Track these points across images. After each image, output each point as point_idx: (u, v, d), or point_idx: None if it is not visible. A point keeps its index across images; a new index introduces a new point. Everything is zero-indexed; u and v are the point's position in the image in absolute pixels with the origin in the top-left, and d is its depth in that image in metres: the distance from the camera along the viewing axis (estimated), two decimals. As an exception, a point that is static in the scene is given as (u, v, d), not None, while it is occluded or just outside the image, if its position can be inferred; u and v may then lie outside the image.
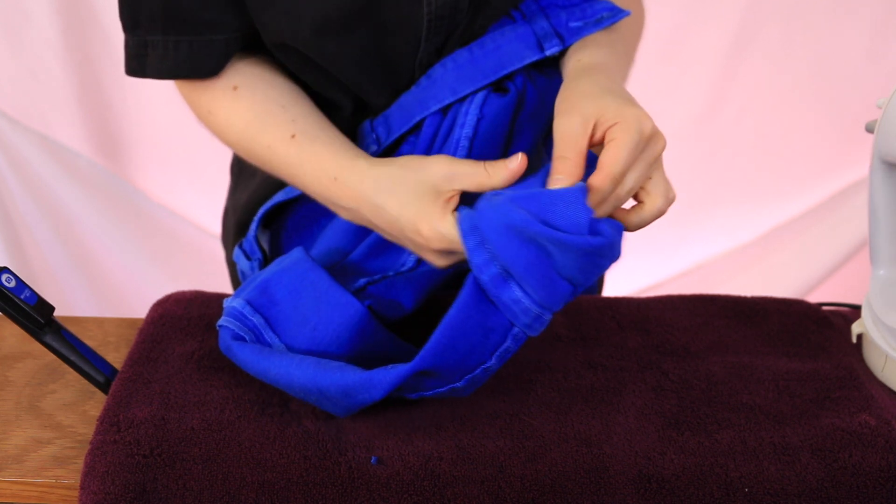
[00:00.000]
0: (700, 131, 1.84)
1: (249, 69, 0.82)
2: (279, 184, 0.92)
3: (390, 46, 0.82)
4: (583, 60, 0.80)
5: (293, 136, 0.78)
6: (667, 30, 1.67)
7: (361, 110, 0.87)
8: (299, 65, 0.83)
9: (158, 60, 0.79)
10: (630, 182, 0.68)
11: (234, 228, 0.99)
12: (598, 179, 0.67)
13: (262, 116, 0.80)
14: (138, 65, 0.80)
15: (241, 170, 1.00)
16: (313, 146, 0.77)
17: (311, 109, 0.81)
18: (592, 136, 0.69)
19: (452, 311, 0.65)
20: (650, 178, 0.70)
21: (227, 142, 0.83)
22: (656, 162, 0.71)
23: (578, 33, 0.83)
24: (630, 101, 0.72)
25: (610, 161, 0.67)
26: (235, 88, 0.81)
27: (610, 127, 0.68)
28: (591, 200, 0.66)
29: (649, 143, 0.69)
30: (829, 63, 1.77)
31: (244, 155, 0.83)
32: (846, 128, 1.81)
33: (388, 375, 0.65)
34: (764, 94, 1.81)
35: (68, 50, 1.68)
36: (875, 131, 0.77)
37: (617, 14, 0.85)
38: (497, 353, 0.66)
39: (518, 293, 0.65)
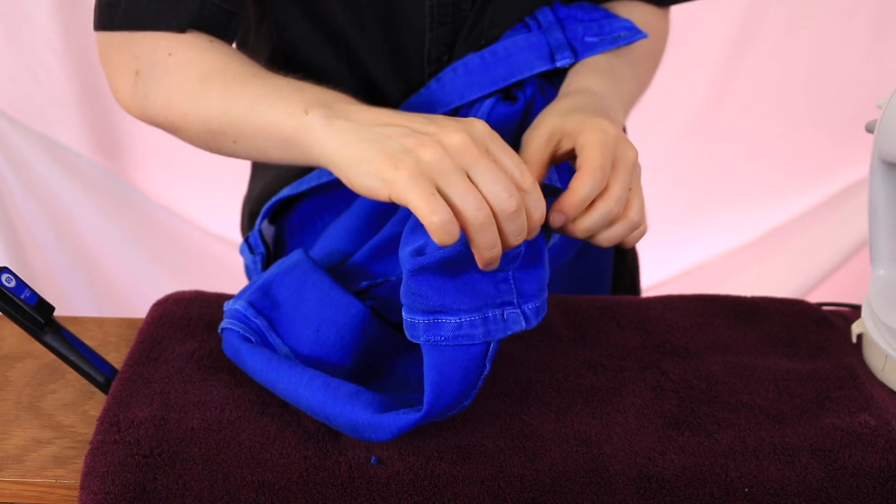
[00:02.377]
0: (700, 131, 1.84)
1: (230, 48, 0.78)
2: (287, 179, 0.93)
3: (398, 31, 0.82)
4: (571, 85, 0.80)
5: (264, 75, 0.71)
6: (667, 30, 1.68)
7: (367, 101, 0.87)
8: (316, 42, 0.83)
9: (130, 9, 0.75)
10: (617, 190, 0.66)
11: (248, 219, 1.00)
12: (578, 178, 0.65)
13: (236, 57, 0.75)
14: (108, 16, 0.76)
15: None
16: (291, 80, 0.71)
17: None
18: (557, 149, 0.69)
19: (426, 361, 0.64)
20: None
21: (182, 83, 0.74)
22: (633, 172, 0.68)
23: (593, 49, 0.83)
24: (597, 113, 0.71)
25: (585, 160, 0.65)
26: (211, 41, 0.76)
27: (576, 137, 0.68)
28: (572, 202, 0.64)
29: (619, 148, 0.67)
30: (829, 63, 1.77)
31: (199, 94, 0.73)
32: (846, 128, 1.81)
33: (398, 421, 0.65)
34: (764, 94, 1.81)
35: (68, 50, 1.68)
36: (875, 131, 0.77)
37: (635, 34, 0.84)
38: (488, 359, 0.66)
39: (451, 319, 0.63)
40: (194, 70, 0.74)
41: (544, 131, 0.69)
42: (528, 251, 0.66)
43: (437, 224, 0.58)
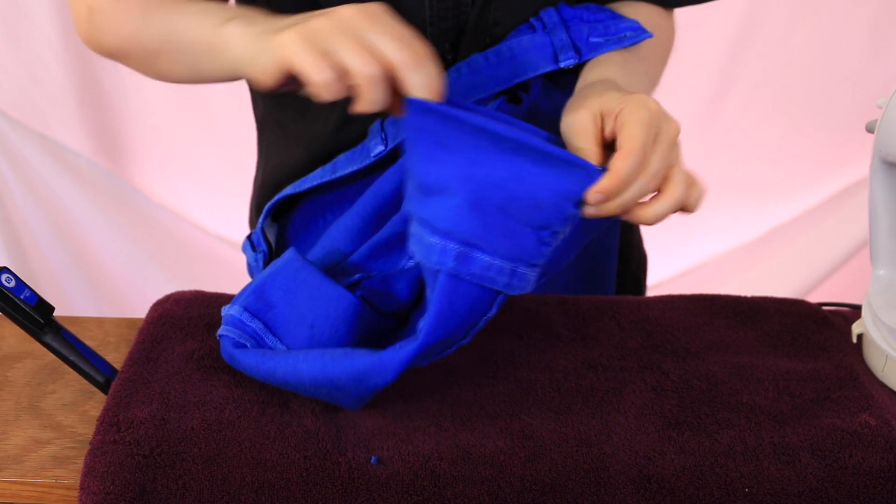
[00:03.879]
0: (700, 131, 1.84)
1: None
2: (289, 171, 0.93)
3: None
4: (588, 78, 0.79)
5: None
6: (667, 30, 1.68)
7: None
8: None
9: None
10: (655, 165, 0.65)
11: (255, 210, 1.00)
12: (620, 158, 0.64)
13: None
14: None
15: (260, 149, 1.01)
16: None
17: None
18: (603, 130, 0.68)
19: (435, 298, 0.65)
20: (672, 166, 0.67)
21: (126, 10, 0.80)
22: (674, 147, 0.67)
23: (598, 49, 0.82)
24: (632, 90, 0.71)
25: (627, 138, 0.65)
26: None
27: (618, 114, 0.67)
28: (614, 184, 0.64)
29: (662, 124, 0.67)
30: (829, 63, 1.77)
31: (140, 19, 0.80)
32: (846, 128, 1.81)
33: (398, 355, 0.65)
34: (764, 95, 1.81)
35: (68, 50, 1.68)
36: (875, 131, 0.77)
37: (640, 34, 0.84)
38: (496, 304, 0.67)
39: (484, 258, 0.65)
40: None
41: (585, 111, 0.68)
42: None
43: (321, 82, 0.61)
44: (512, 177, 0.64)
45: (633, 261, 1.08)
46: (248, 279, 0.99)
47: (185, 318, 0.81)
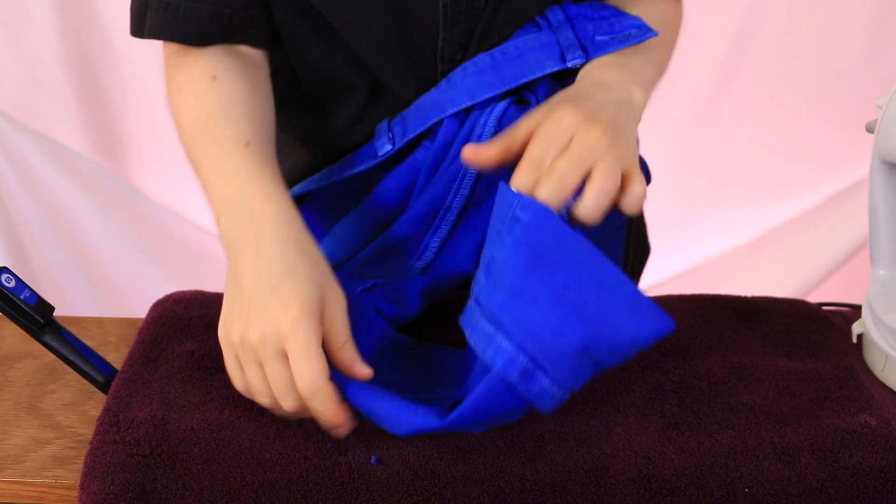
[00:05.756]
0: (700, 131, 1.84)
1: (236, 69, 0.80)
2: (301, 172, 0.93)
3: (410, 30, 0.82)
4: (582, 78, 0.80)
5: (246, 144, 0.76)
6: (667, 29, 1.68)
7: (379, 97, 0.87)
8: (319, 35, 0.83)
9: (151, 20, 0.80)
10: (558, 170, 0.66)
11: None
12: (515, 171, 0.67)
13: (220, 108, 0.78)
14: (138, 24, 0.81)
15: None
16: (261, 161, 0.75)
17: (271, 136, 0.80)
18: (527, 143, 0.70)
19: (478, 394, 0.64)
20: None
21: (180, 122, 0.81)
22: (592, 152, 0.68)
23: (604, 48, 0.82)
24: (574, 98, 0.72)
25: (525, 152, 0.68)
26: (214, 78, 0.79)
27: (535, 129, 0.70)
28: (525, 172, 0.66)
29: (577, 134, 0.68)
30: (829, 63, 1.77)
31: (187, 142, 0.80)
32: (846, 128, 1.81)
33: (415, 421, 0.65)
34: (764, 94, 1.81)
35: (68, 50, 1.68)
36: (875, 131, 0.77)
37: (645, 32, 0.84)
38: (518, 415, 0.67)
39: (546, 382, 0.63)
40: (185, 117, 0.79)
41: (520, 127, 0.71)
42: None
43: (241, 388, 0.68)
44: (602, 313, 0.62)
45: (629, 251, 1.08)
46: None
47: (185, 318, 0.81)
